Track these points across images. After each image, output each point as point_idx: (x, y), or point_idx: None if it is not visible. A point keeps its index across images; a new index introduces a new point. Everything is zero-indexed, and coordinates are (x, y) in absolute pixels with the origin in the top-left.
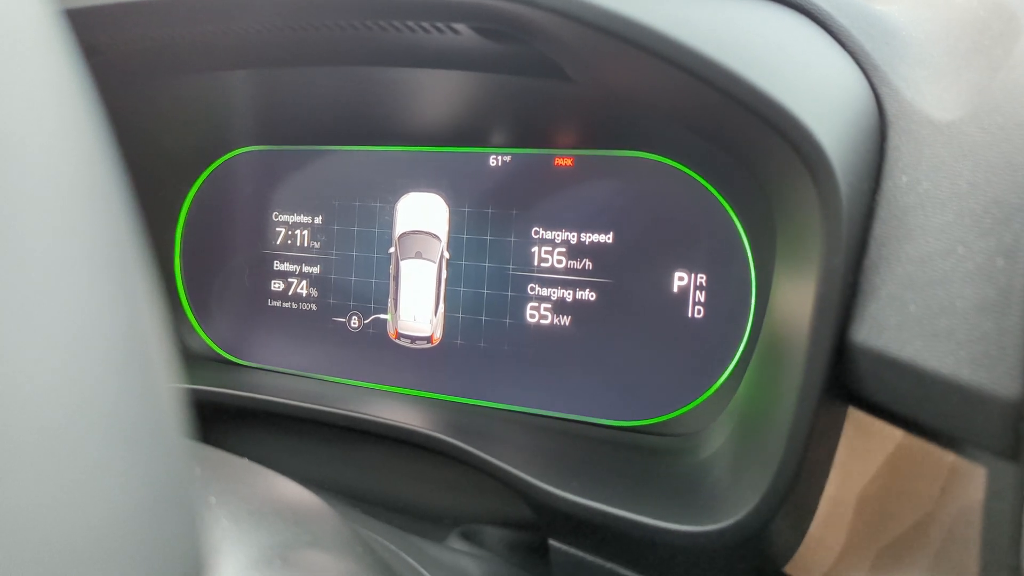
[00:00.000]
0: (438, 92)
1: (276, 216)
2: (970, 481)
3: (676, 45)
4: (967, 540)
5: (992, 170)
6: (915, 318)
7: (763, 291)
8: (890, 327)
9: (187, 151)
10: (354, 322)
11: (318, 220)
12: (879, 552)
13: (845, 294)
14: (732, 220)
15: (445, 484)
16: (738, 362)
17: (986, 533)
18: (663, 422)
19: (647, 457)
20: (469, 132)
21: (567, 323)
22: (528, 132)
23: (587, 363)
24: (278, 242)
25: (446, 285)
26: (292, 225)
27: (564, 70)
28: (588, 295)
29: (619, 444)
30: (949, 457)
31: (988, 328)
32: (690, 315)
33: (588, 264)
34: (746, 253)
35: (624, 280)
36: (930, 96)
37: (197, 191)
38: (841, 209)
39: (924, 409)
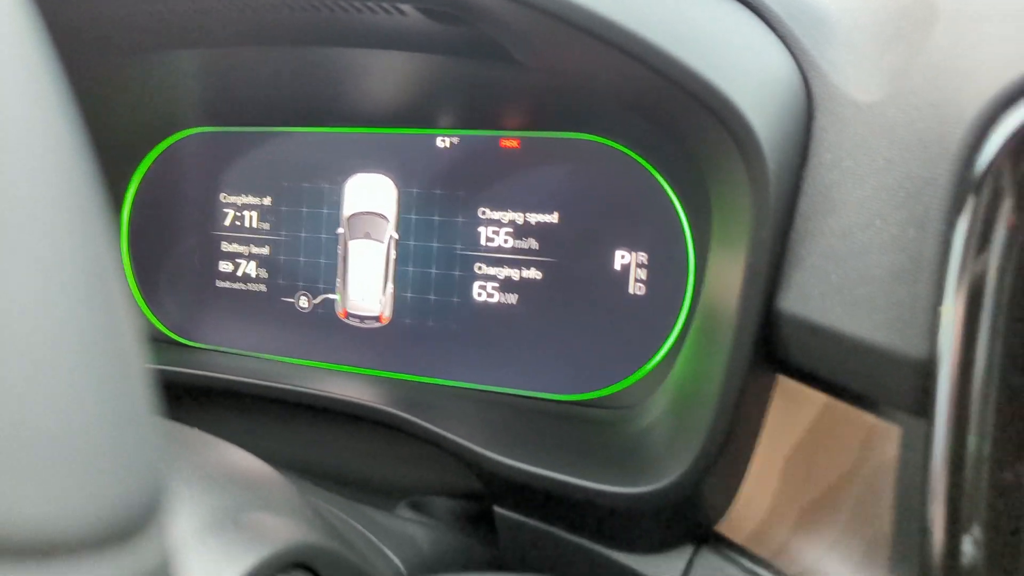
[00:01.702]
0: (386, 73)
1: (224, 197)
2: (887, 440)
3: (616, 28)
4: (883, 495)
5: (906, 147)
6: (836, 287)
7: (701, 268)
8: (814, 296)
9: (134, 132)
10: (303, 302)
11: (267, 201)
12: (803, 509)
13: (772, 265)
14: (671, 200)
15: (394, 458)
16: (677, 336)
17: (899, 487)
18: (606, 395)
19: (589, 428)
20: (417, 113)
21: (514, 301)
22: (475, 114)
23: (533, 339)
24: (227, 223)
25: (395, 265)
26: (241, 206)
27: (510, 52)
28: (534, 274)
29: (563, 416)
30: (868, 418)
31: (901, 294)
32: (631, 292)
33: (534, 244)
34: (684, 231)
35: (568, 259)
36: (854, 79)
37: (145, 173)
38: (768, 185)
39: (845, 372)
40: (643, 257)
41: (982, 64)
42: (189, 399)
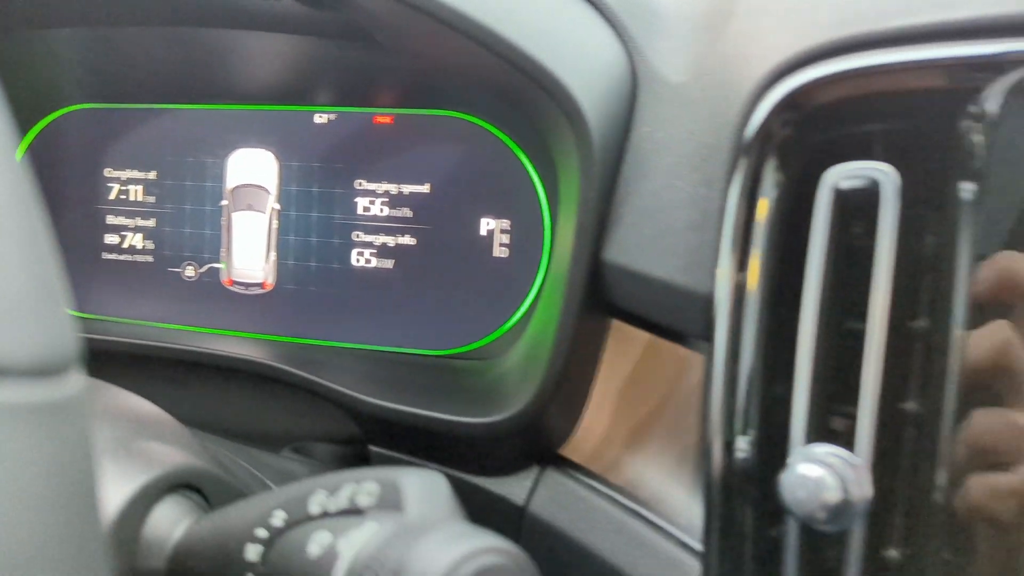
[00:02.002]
0: (265, 54)
1: (109, 172)
2: (694, 368)
3: (464, 18)
4: (691, 414)
5: (702, 120)
6: (648, 239)
7: (555, 231)
8: (631, 247)
9: (14, 109)
10: (189, 271)
11: (151, 176)
12: (630, 431)
13: (598, 222)
14: (528, 171)
15: (278, 409)
16: (536, 294)
17: (702, 406)
18: (473, 349)
19: (456, 375)
20: (295, 92)
21: (390, 266)
22: (351, 92)
23: (408, 301)
24: (112, 197)
25: (277, 234)
26: (125, 181)
27: (375, 37)
28: (408, 240)
29: (433, 366)
30: (681, 350)
31: (695, 242)
32: (495, 255)
33: (407, 212)
34: (540, 199)
35: (439, 226)
36: (670, 63)
37: (27, 148)
38: (593, 154)
39: (658, 311)
40: (506, 223)
41: (760, 51)
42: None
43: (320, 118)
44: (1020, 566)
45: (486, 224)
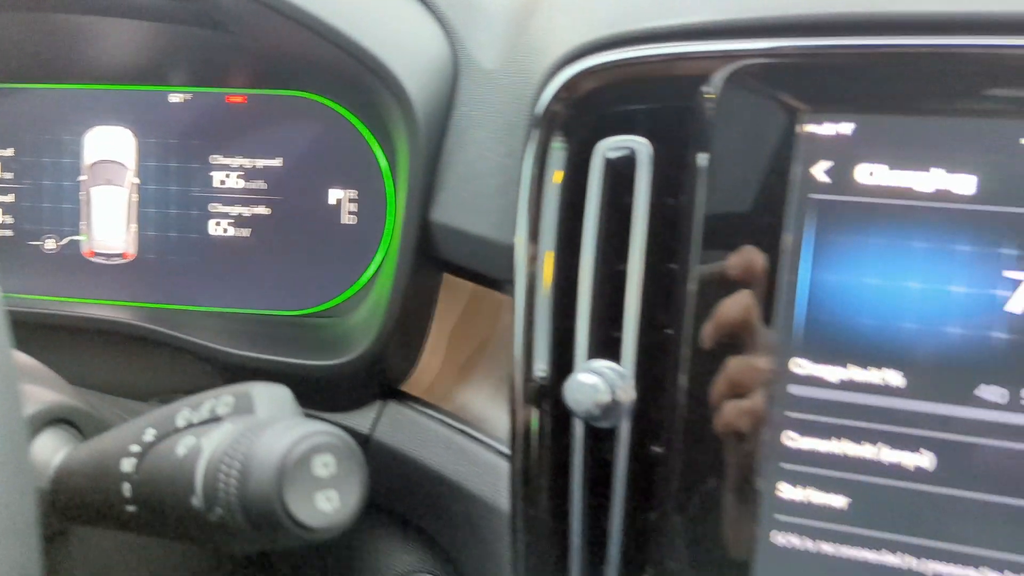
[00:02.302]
0: (120, 37)
1: None
2: (510, 310)
3: (304, 13)
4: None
5: (508, 101)
6: (466, 201)
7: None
8: (453, 208)
9: None
10: (50, 244)
11: (9, 152)
12: (459, 366)
13: (425, 188)
14: (371, 146)
15: (143, 367)
16: (383, 256)
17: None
18: (326, 309)
19: (308, 329)
20: (150, 72)
21: (247, 234)
22: (204, 74)
23: (264, 266)
24: None
25: (137, 207)
26: None
27: (224, 23)
28: (263, 210)
29: (288, 323)
30: (499, 296)
31: (503, 203)
32: (344, 223)
33: (262, 184)
34: (383, 170)
35: (292, 197)
36: (486, 52)
37: None
38: (419, 130)
39: (476, 262)
40: (353, 193)
41: (552, 44)
42: None
43: (175, 97)
44: (753, 463)
45: (335, 194)
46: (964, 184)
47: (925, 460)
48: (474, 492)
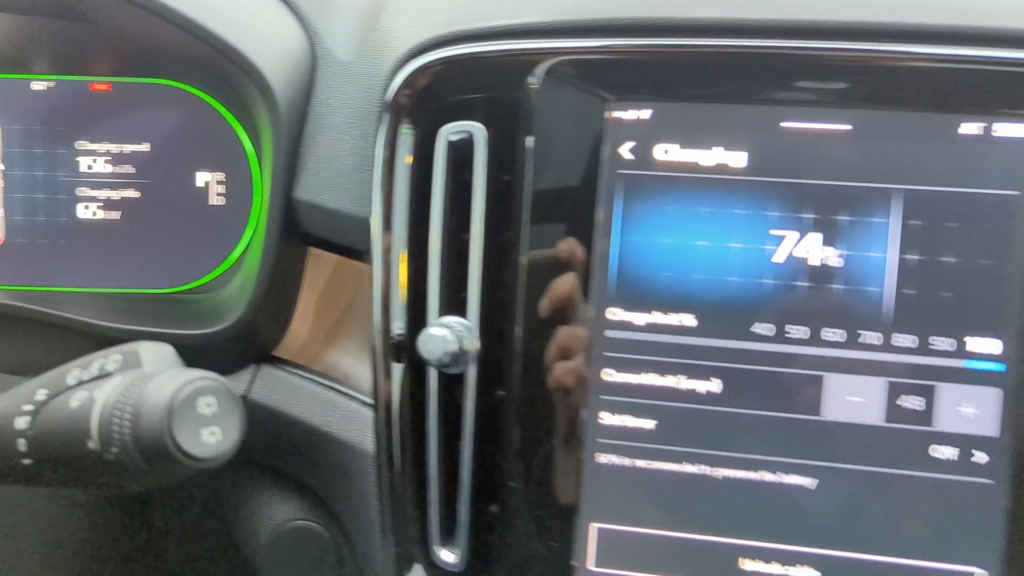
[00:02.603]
0: None
1: None
2: (370, 278)
3: (169, 9)
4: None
5: (362, 90)
6: (326, 179)
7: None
8: (315, 186)
9: None
10: None
11: None
12: (326, 330)
13: (289, 168)
14: (236, 131)
15: (23, 345)
16: (251, 235)
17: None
18: (198, 286)
19: (183, 304)
20: (11, 61)
21: (117, 217)
22: (67, 63)
23: (135, 247)
24: None
25: (3, 193)
26: None
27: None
28: (132, 193)
29: (163, 299)
30: (361, 265)
31: (358, 181)
32: (212, 204)
33: (130, 169)
34: (248, 154)
35: (160, 181)
36: (340, 45)
37: None
38: (281, 117)
39: (338, 234)
40: (220, 176)
41: (398, 41)
42: None
43: (38, 85)
44: (579, 397)
45: (203, 177)
46: (738, 159)
47: (714, 386)
48: (343, 438)
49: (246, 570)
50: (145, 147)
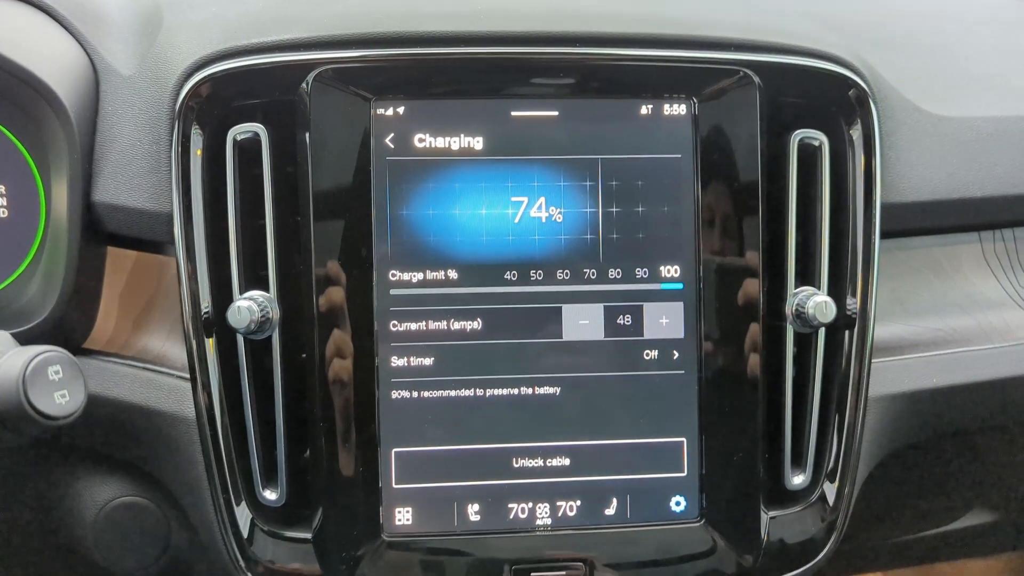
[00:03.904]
0: None
1: None
2: (170, 268)
3: None
4: (176, 298)
5: (149, 100)
6: (123, 181)
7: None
8: (112, 189)
9: None
10: None
11: None
12: (134, 320)
13: (85, 175)
14: (20, 149)
15: None
16: (40, 241)
17: (178, 288)
18: None
19: None
20: None
21: None
22: None
23: None
24: None
25: None
26: None
27: None
28: None
29: None
30: (159, 257)
31: (154, 181)
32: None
33: None
34: (33, 170)
35: None
36: (121, 60)
37: None
38: (73, 128)
39: (139, 230)
40: (2, 189)
41: (178, 55)
42: None
43: None
44: (372, 346)
45: None
46: (477, 143)
47: (477, 324)
48: (163, 410)
49: (67, 559)
50: None
